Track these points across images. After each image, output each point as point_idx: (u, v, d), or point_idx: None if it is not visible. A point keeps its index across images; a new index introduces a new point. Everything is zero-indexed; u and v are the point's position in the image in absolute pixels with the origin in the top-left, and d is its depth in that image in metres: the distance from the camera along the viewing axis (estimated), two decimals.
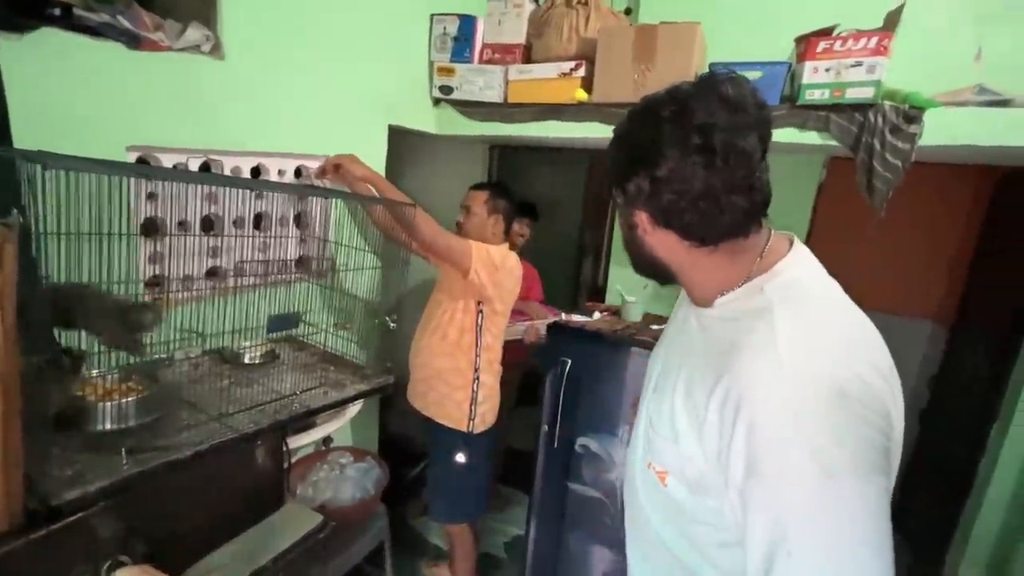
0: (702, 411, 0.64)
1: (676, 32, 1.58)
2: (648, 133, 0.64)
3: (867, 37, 1.35)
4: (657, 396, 0.77)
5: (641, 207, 0.68)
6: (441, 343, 1.74)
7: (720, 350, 0.65)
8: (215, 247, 1.42)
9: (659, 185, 0.64)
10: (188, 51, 1.24)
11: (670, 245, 0.70)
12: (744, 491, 0.59)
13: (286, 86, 1.49)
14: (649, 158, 0.64)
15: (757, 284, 0.67)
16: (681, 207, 0.64)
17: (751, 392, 0.59)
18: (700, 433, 0.64)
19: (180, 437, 0.97)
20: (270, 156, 1.53)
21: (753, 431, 0.57)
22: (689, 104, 0.62)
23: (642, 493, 0.80)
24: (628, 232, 0.74)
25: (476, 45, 1.92)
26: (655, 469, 0.74)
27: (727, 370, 0.61)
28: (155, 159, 1.25)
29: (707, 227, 0.65)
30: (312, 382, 1.25)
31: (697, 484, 0.67)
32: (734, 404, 0.59)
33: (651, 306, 2.07)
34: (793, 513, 0.55)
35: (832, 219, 2.01)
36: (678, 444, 0.69)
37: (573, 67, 1.74)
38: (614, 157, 0.71)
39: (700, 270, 0.71)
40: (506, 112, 1.89)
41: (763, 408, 0.58)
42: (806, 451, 0.54)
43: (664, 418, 0.72)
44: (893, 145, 1.38)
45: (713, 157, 0.60)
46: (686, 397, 0.68)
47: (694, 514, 0.70)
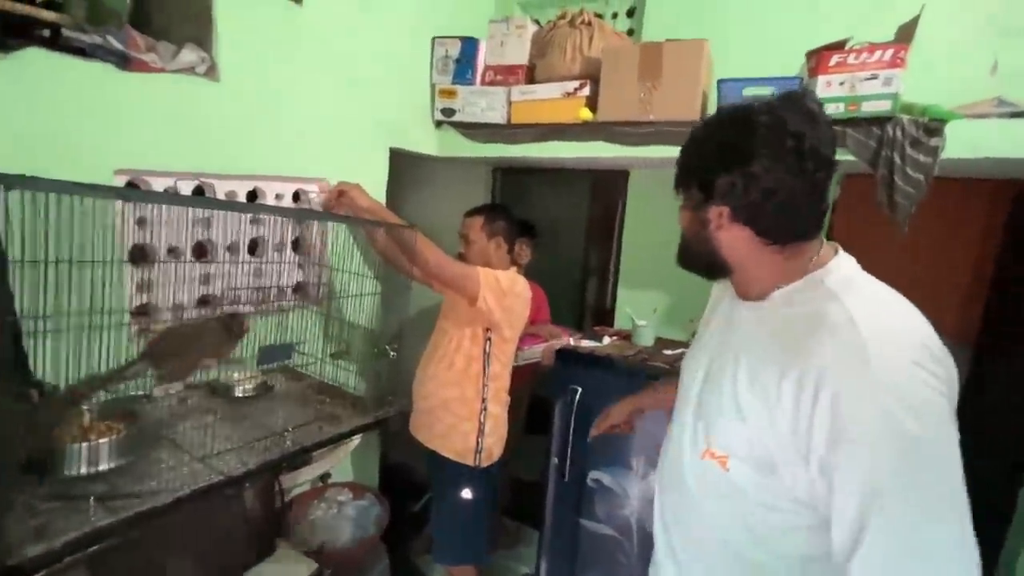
0: (773, 392, 0.68)
1: (682, 49, 1.55)
2: (743, 134, 0.69)
3: (882, 49, 1.31)
4: (712, 385, 0.79)
5: (723, 202, 0.72)
6: (447, 372, 1.65)
7: (787, 334, 0.70)
8: (208, 274, 1.36)
9: (749, 182, 0.69)
10: (182, 73, 1.20)
11: (741, 242, 0.74)
12: (829, 459, 0.62)
13: (284, 108, 1.45)
14: (744, 156, 0.68)
15: (816, 278, 0.72)
16: (765, 205, 0.69)
17: (835, 366, 0.62)
18: (771, 413, 0.68)
19: (159, 482, 0.89)
20: (267, 179, 1.48)
21: (838, 401, 0.61)
22: (781, 113, 0.68)
23: (697, 488, 0.81)
24: (697, 227, 0.78)
25: (478, 67, 1.89)
26: (715, 455, 0.75)
27: (802, 351, 0.66)
28: (145, 183, 1.20)
29: (782, 227, 0.71)
30: (306, 417, 1.17)
31: (765, 463, 0.70)
32: (814, 381, 0.63)
33: (663, 330, 1.99)
34: (883, 472, 0.59)
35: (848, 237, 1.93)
36: (746, 423, 0.71)
37: (577, 86, 1.71)
38: (698, 154, 0.76)
39: (762, 267, 0.75)
40: (509, 133, 1.86)
41: (847, 379, 0.61)
42: (891, 415, 0.58)
43: (727, 401, 0.75)
44: (914, 159, 1.32)
45: (803, 162, 0.67)
46: (751, 380, 0.72)
47: (759, 497, 0.72)
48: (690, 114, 1.56)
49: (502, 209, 1.81)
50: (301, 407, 1.28)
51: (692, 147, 0.78)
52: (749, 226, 0.72)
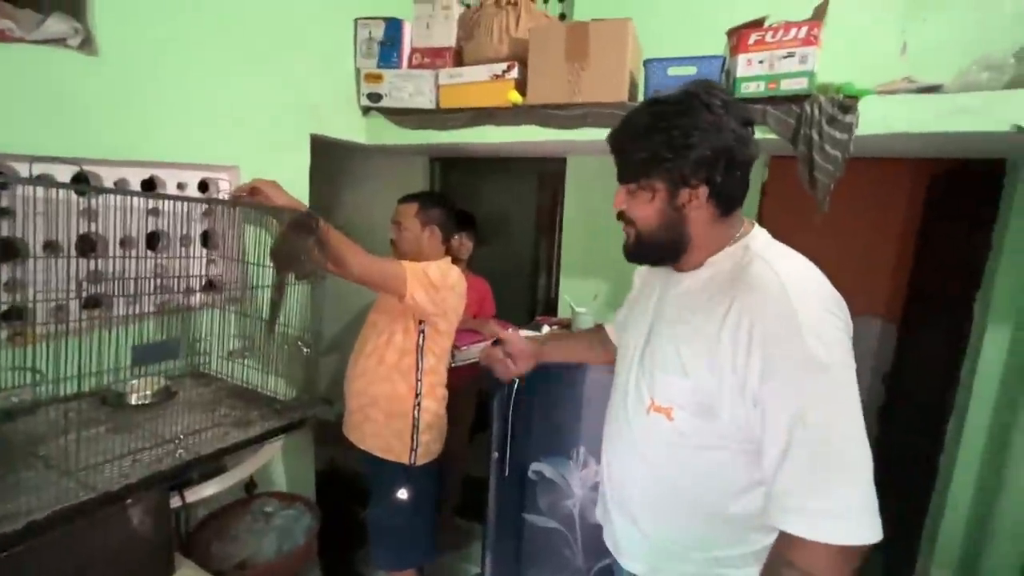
0: (714, 340, 0.77)
1: (608, 29, 1.53)
2: (709, 116, 0.78)
3: (797, 27, 1.32)
4: (652, 348, 0.88)
5: (702, 181, 0.80)
6: (378, 367, 1.58)
7: (721, 291, 0.79)
8: (97, 271, 1.22)
9: (728, 156, 0.78)
10: (51, 44, 1.07)
11: (706, 218, 0.83)
12: (761, 391, 0.73)
13: (182, 88, 1.33)
14: (719, 132, 0.77)
15: (742, 244, 0.83)
16: (735, 178, 0.81)
17: (762, 311, 0.73)
18: (712, 359, 0.77)
19: (15, 504, 0.77)
20: (167, 167, 1.35)
21: (766, 342, 0.72)
22: (723, 96, 0.80)
23: (642, 441, 0.90)
24: (668, 213, 0.83)
25: (404, 50, 1.82)
26: (660, 408, 0.85)
27: (735, 301, 0.76)
28: (9, 168, 1.06)
29: (734, 195, 0.83)
30: (210, 423, 1.07)
31: (706, 408, 0.79)
32: (747, 325, 0.74)
33: (603, 316, 1.97)
34: (805, 394, 0.70)
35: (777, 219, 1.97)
36: (688, 376, 0.81)
37: (505, 68, 1.66)
38: (662, 141, 0.79)
39: (710, 238, 0.85)
40: (439, 118, 1.79)
41: (773, 322, 0.72)
42: (811, 350, 0.69)
43: (669, 359, 0.84)
44: (831, 136, 1.34)
45: (752, 135, 0.81)
46: (693, 335, 0.81)
47: (699, 440, 0.82)
48: (618, 95, 1.54)
49: (439, 197, 1.74)
50: (208, 413, 1.18)
51: (647, 137, 0.81)
52: (717, 200, 0.81)
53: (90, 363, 0.94)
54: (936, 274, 2.17)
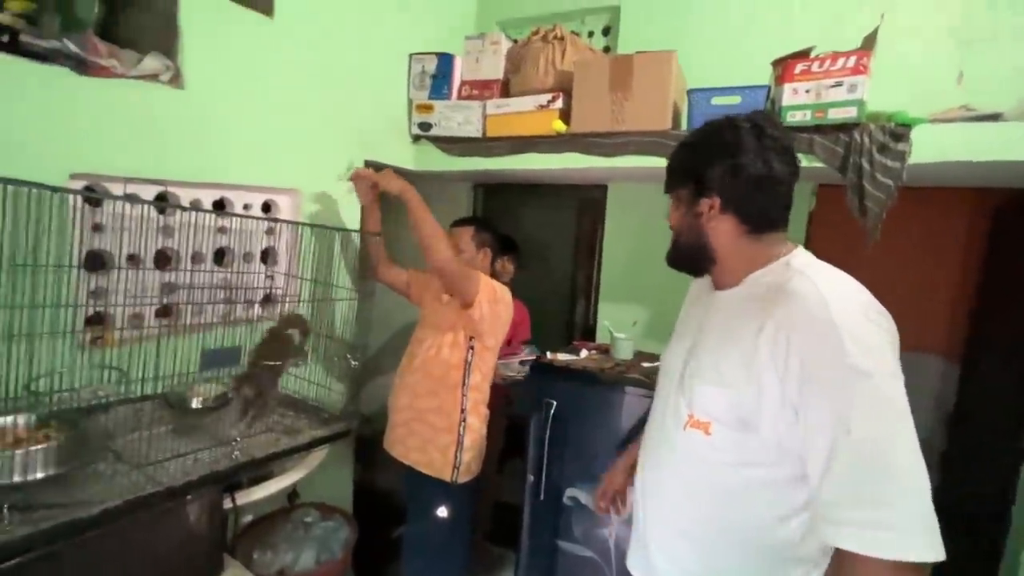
0: (750, 349, 0.77)
1: (652, 61, 1.57)
2: (731, 134, 0.84)
3: (845, 57, 1.32)
4: (693, 363, 0.88)
5: (715, 192, 0.85)
6: (424, 381, 1.58)
7: (759, 305, 0.79)
8: (170, 283, 1.33)
9: (737, 172, 0.82)
10: (145, 79, 1.20)
11: (727, 231, 0.86)
12: (800, 399, 0.72)
13: (253, 118, 1.45)
14: (732, 150, 0.83)
15: (782, 262, 0.84)
16: (749, 194, 0.83)
17: (800, 322, 0.73)
18: (749, 368, 0.76)
19: (90, 492, 0.84)
20: (235, 189, 1.47)
21: (803, 348, 0.71)
22: (759, 121, 0.84)
23: (678, 459, 0.88)
24: (688, 221, 0.89)
25: (454, 82, 1.91)
26: (699, 422, 0.84)
27: (772, 314, 0.76)
28: (104, 188, 1.18)
29: (761, 216, 0.84)
30: (259, 428, 1.13)
31: (745, 421, 0.78)
32: (785, 335, 0.73)
33: (643, 343, 1.95)
34: (847, 402, 0.68)
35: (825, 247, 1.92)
36: (727, 387, 0.80)
37: (550, 99, 1.72)
38: (690, 154, 0.89)
39: (742, 255, 0.86)
40: (484, 146, 1.86)
41: (812, 331, 0.71)
42: (850, 356, 0.68)
43: (707, 371, 0.84)
44: (882, 164, 1.32)
45: (779, 158, 0.82)
46: (730, 346, 0.81)
47: (738, 456, 0.80)
48: (661, 124, 1.57)
49: (489, 223, 1.80)
50: (261, 419, 1.24)
51: (684, 150, 0.91)
52: (735, 214, 0.84)
53: (163, 366, 1.02)
54: (1003, 310, 2.04)
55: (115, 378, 1.00)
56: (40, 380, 0.96)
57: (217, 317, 1.38)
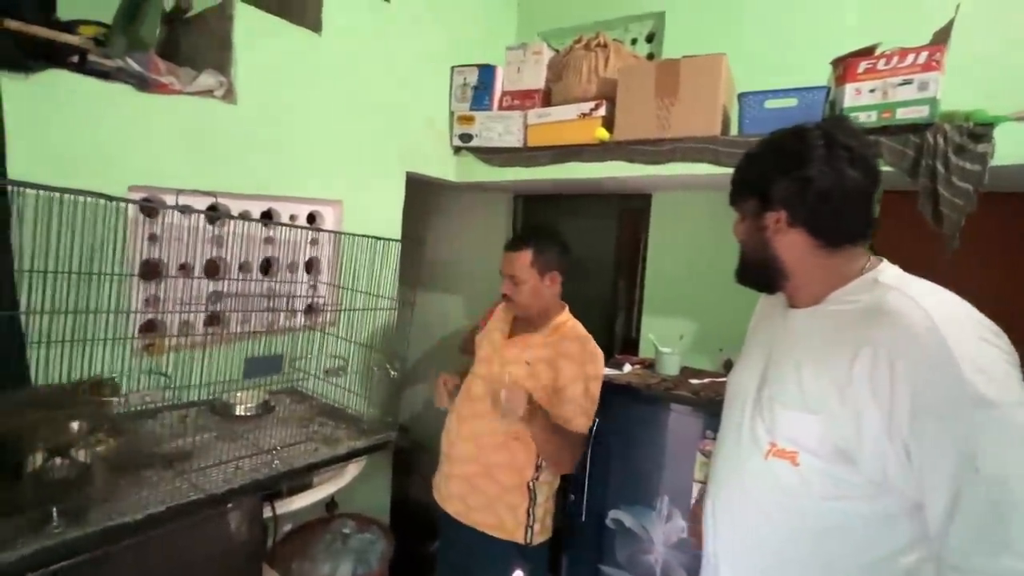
0: (843, 375, 0.70)
1: (700, 65, 1.51)
2: (798, 144, 0.78)
3: (915, 53, 1.23)
4: (772, 385, 0.81)
5: (781, 206, 0.79)
6: (493, 434, 1.32)
7: (850, 327, 0.73)
8: (218, 292, 1.36)
9: (805, 185, 0.76)
10: (200, 95, 1.25)
11: (797, 245, 0.80)
12: (914, 436, 0.64)
13: (300, 131, 1.49)
14: (799, 162, 0.77)
15: (869, 278, 0.76)
16: (819, 208, 0.76)
17: (906, 346, 0.65)
18: (843, 393, 0.70)
19: (136, 497, 0.85)
20: (282, 200, 1.50)
21: (914, 376, 0.64)
22: (831, 129, 0.77)
23: (758, 488, 0.80)
24: (755, 235, 0.84)
25: (495, 93, 1.91)
26: (784, 452, 0.76)
27: (870, 337, 0.69)
28: (160, 200, 1.23)
29: (835, 229, 0.77)
30: (300, 437, 1.12)
31: (841, 452, 0.71)
32: (888, 362, 0.66)
33: (689, 359, 1.86)
34: (971, 437, 0.61)
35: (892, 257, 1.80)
36: (817, 415, 0.73)
37: (593, 107, 1.69)
38: (755, 166, 0.84)
39: (817, 271, 0.80)
40: (525, 156, 1.84)
41: (921, 357, 0.64)
42: (971, 384, 0.61)
43: (791, 396, 0.77)
44: (960, 167, 1.21)
45: (853, 168, 0.75)
46: (819, 369, 0.74)
47: (827, 490, 0.72)
48: (710, 129, 1.50)
49: (549, 235, 1.38)
50: (301, 428, 1.24)
51: (747, 162, 0.86)
52: (805, 228, 0.78)
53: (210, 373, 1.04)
54: None
55: (161, 384, 1.01)
56: None
57: (262, 325, 1.40)
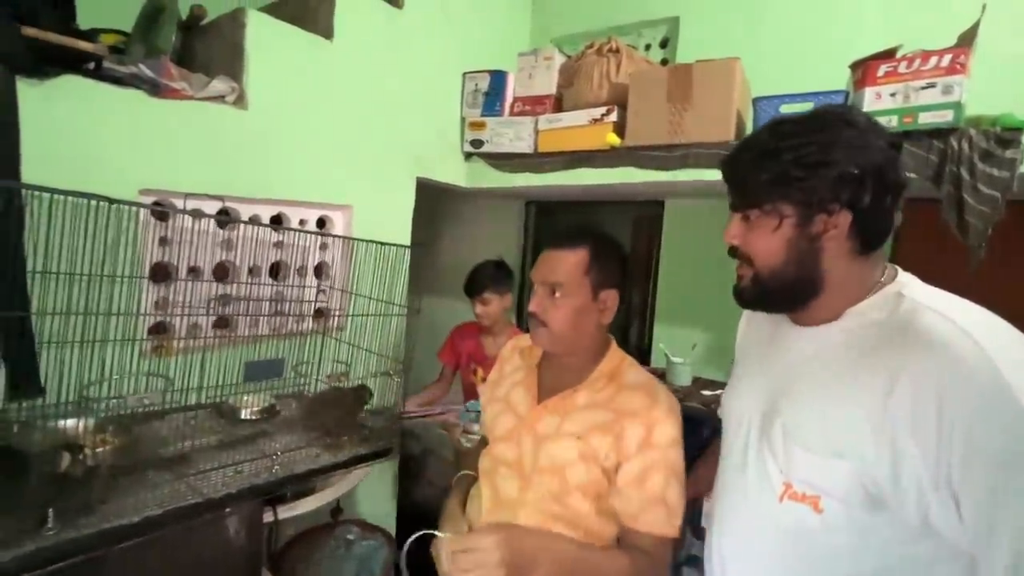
0: (877, 412, 0.60)
1: (713, 69, 1.48)
2: (850, 130, 0.65)
3: (939, 55, 1.18)
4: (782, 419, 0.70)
5: (846, 206, 0.64)
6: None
7: (877, 351, 0.62)
8: (226, 295, 1.37)
9: (879, 176, 0.64)
10: (212, 101, 1.26)
11: (842, 251, 0.67)
12: (965, 487, 0.54)
13: (310, 136, 1.50)
14: (862, 152, 0.64)
15: (891, 291, 0.66)
16: (886, 204, 0.65)
17: (953, 379, 0.55)
18: (879, 435, 0.59)
19: (136, 499, 0.85)
20: (292, 205, 1.51)
21: (968, 419, 0.54)
22: (868, 115, 0.68)
23: (772, 533, 0.70)
24: (799, 245, 0.68)
25: (507, 99, 1.91)
26: (804, 496, 0.66)
27: (906, 365, 0.58)
28: (171, 203, 1.24)
29: (884, 229, 0.67)
30: (302, 442, 1.12)
31: (873, 498, 0.61)
32: (934, 396, 0.56)
33: (702, 369, 1.82)
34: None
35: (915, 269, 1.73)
36: (841, 457, 0.62)
37: (604, 112, 1.67)
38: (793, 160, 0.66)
39: (849, 281, 0.68)
40: (536, 162, 1.83)
41: (973, 392, 0.54)
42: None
43: (813, 434, 0.66)
44: (986, 174, 1.16)
45: (899, 157, 0.66)
46: (847, 406, 0.63)
47: (853, 539, 0.63)
48: (723, 135, 1.47)
49: (610, 239, 0.97)
50: (304, 433, 1.24)
51: (774, 156, 0.68)
52: (860, 231, 0.65)
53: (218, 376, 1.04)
54: None
55: (164, 386, 1.02)
56: (102, 385, 1.00)
57: (271, 329, 1.41)
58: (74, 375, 0.98)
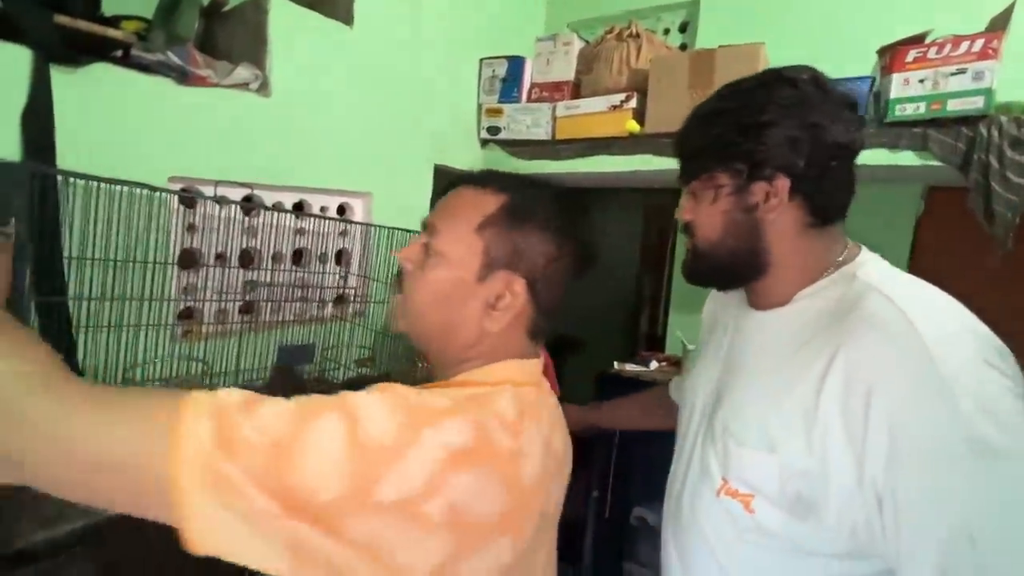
0: (811, 407, 0.55)
1: (737, 55, 1.47)
2: (791, 90, 0.60)
3: (970, 40, 1.16)
4: (725, 408, 0.66)
5: (781, 171, 0.60)
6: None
7: (819, 336, 0.58)
8: (251, 281, 1.40)
9: (816, 136, 0.59)
10: (236, 88, 1.27)
11: (789, 225, 0.62)
12: (889, 488, 0.50)
13: (331, 124, 1.50)
14: (798, 110, 0.59)
15: (847, 271, 0.61)
16: (828, 169, 0.60)
17: (885, 369, 0.51)
18: (810, 430, 0.55)
19: None
20: (313, 192, 1.52)
21: (896, 413, 0.50)
22: (815, 72, 0.62)
23: (710, 529, 0.65)
24: (736, 216, 0.63)
25: (524, 85, 1.90)
26: (736, 493, 0.61)
27: (840, 351, 0.54)
28: (197, 190, 1.26)
29: (833, 196, 0.62)
30: None
31: (802, 501, 0.56)
32: (864, 388, 0.52)
33: None
34: (968, 499, 0.47)
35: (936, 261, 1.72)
36: (776, 452, 0.58)
37: (623, 99, 1.66)
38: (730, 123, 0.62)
39: (800, 257, 0.63)
40: (553, 149, 1.83)
41: (904, 384, 0.50)
42: (970, 426, 0.47)
43: (748, 427, 0.62)
44: (1016, 162, 1.14)
45: (852, 114, 0.61)
46: (781, 397, 0.59)
47: (790, 543, 0.59)
48: None
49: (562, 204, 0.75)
50: None
51: (715, 120, 0.64)
52: (804, 200, 0.61)
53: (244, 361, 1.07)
54: None
55: (200, 370, 1.05)
56: (138, 369, 1.03)
57: (293, 315, 1.43)
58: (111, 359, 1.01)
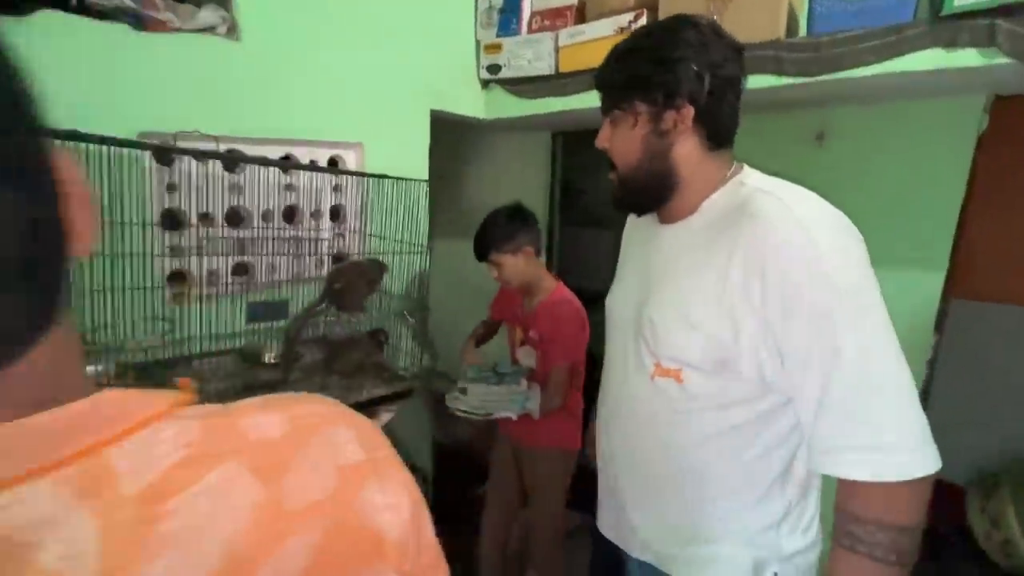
0: (719, 285, 0.70)
1: None
2: (694, 32, 0.73)
3: None
4: (650, 307, 0.79)
5: (687, 101, 0.73)
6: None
7: (720, 234, 0.72)
8: (241, 240, 1.35)
9: (715, 71, 0.72)
10: (202, 33, 1.19)
11: (692, 149, 0.76)
12: (786, 336, 0.66)
13: (313, 69, 1.40)
14: (700, 49, 0.72)
15: (736, 181, 0.76)
16: (724, 99, 0.74)
17: (774, 246, 0.66)
18: (720, 304, 0.70)
19: None
20: (300, 144, 1.44)
21: (782, 274, 0.65)
22: (710, 19, 0.76)
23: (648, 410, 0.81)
24: (652, 142, 0.77)
25: (523, 14, 1.73)
26: (668, 371, 0.76)
27: (740, 237, 0.69)
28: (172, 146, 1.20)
29: (728, 128, 0.77)
30: (314, 387, 1.11)
31: (719, 361, 0.72)
32: (759, 264, 0.66)
33: None
34: (835, 329, 0.63)
35: (999, 183, 1.50)
36: (697, 329, 0.72)
37: (632, 18, 1.48)
38: (647, 59, 0.75)
39: (701, 176, 0.77)
40: (558, 84, 1.67)
41: (790, 256, 0.65)
42: (834, 277, 0.64)
43: (672, 314, 0.76)
44: None
45: (738, 54, 0.75)
46: (697, 283, 0.73)
47: (713, 400, 0.74)
48: (773, 31, 1.27)
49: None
50: (324, 376, 1.23)
51: (634, 57, 0.77)
52: (704, 127, 0.75)
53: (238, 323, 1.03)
54: None
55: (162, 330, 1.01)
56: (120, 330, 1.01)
57: (289, 275, 1.39)
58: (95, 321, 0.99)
